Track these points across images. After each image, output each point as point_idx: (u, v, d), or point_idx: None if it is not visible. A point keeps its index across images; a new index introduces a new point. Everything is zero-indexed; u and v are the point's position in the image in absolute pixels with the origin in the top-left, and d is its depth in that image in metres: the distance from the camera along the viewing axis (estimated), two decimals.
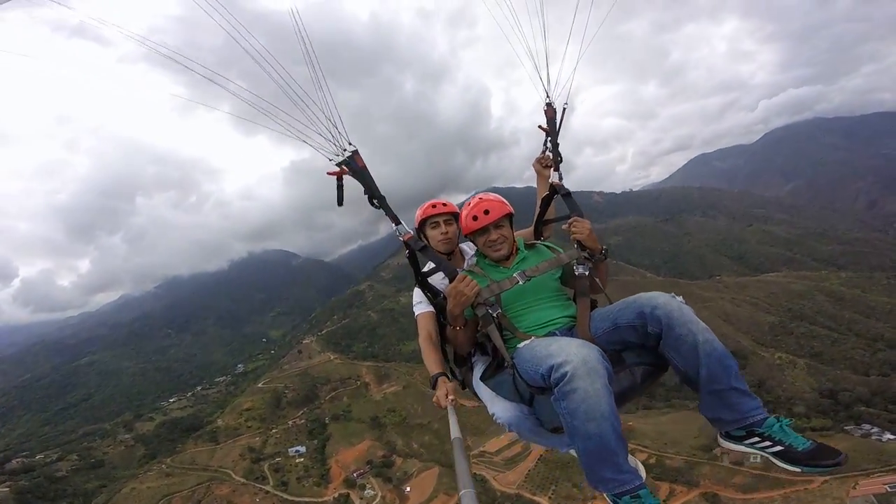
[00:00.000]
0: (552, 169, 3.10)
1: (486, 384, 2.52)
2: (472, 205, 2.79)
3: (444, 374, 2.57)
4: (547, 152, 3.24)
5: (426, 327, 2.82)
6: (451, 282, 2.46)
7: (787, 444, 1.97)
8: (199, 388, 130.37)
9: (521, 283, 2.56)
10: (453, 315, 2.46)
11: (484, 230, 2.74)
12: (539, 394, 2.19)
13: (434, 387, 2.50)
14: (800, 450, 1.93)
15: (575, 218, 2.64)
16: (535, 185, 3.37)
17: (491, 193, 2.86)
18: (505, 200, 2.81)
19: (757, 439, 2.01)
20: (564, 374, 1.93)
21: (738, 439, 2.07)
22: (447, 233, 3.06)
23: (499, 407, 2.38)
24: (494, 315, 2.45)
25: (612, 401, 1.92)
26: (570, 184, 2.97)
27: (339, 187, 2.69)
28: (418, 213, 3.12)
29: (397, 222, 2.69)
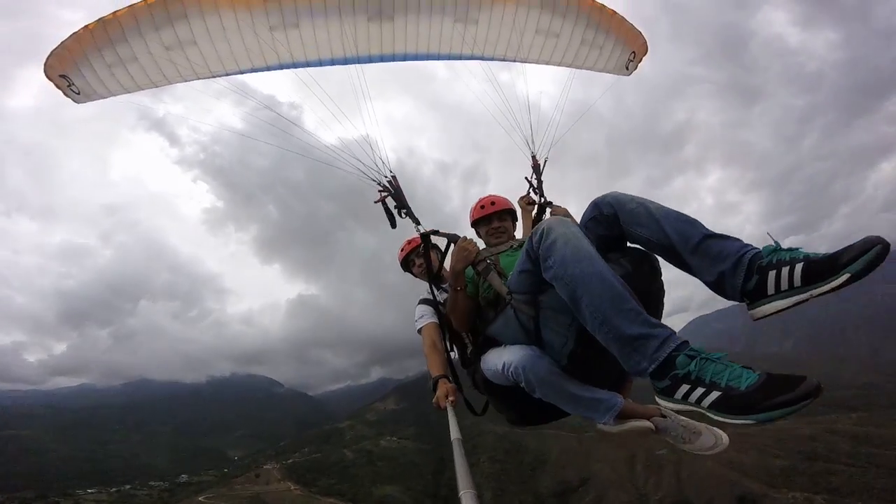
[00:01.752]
0: (536, 197, 3.64)
1: (490, 332, 2.52)
2: (481, 199, 3.27)
3: (444, 376, 2.70)
4: (530, 192, 3.73)
5: (430, 336, 2.95)
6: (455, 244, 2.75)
7: (723, 384, 1.51)
8: (128, 486, 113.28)
9: (514, 246, 2.97)
10: (456, 272, 2.63)
11: (488, 219, 3.17)
12: (541, 293, 2.17)
13: (435, 389, 2.61)
14: (743, 388, 1.46)
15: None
16: None
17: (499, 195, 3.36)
18: (510, 200, 3.35)
19: (687, 387, 1.58)
20: (543, 233, 1.98)
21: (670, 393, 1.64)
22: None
23: (508, 354, 2.29)
24: (492, 263, 2.63)
25: (594, 248, 1.88)
26: None
27: (388, 211, 3.34)
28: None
29: (418, 223, 3.20)
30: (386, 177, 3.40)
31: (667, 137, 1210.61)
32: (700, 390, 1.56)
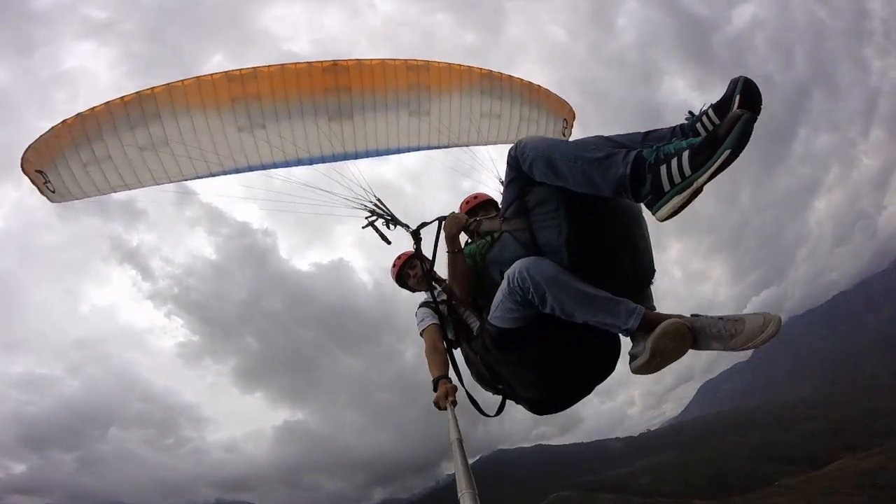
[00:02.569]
0: None
1: (489, 258, 2.66)
2: (466, 197, 3.61)
3: (444, 376, 2.73)
4: None
5: (431, 337, 2.99)
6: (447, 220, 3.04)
7: (686, 144, 1.72)
8: None
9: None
10: (451, 235, 2.91)
11: (473, 212, 3.42)
12: (526, 195, 2.30)
13: (435, 389, 2.64)
14: (703, 133, 1.76)
15: None
16: (544, 442, 5.16)
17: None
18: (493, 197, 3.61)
19: (664, 167, 1.70)
20: (516, 144, 2.29)
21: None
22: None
23: (510, 268, 2.26)
24: (481, 220, 2.92)
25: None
26: (581, 436, 4.61)
27: (378, 232, 3.68)
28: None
29: (408, 227, 3.51)
30: (371, 202, 3.70)
31: None
32: (674, 161, 1.68)
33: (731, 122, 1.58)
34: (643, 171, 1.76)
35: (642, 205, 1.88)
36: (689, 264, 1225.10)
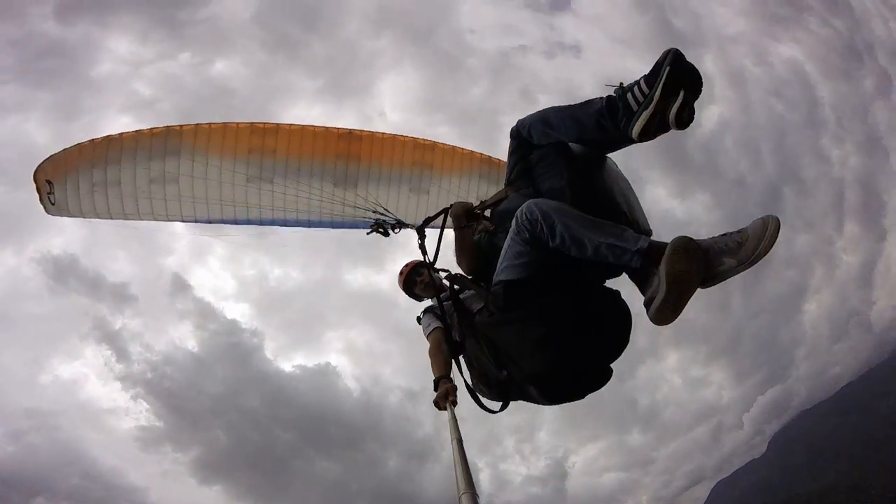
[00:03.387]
0: None
1: (498, 209, 2.85)
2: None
3: (445, 376, 2.78)
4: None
5: (435, 339, 3.07)
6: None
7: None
8: None
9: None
10: (457, 215, 3.14)
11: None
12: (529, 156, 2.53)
13: (436, 389, 2.69)
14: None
15: None
16: None
17: None
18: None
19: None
20: (518, 122, 2.53)
21: None
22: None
23: (520, 207, 2.24)
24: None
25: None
26: None
27: (380, 232, 4.27)
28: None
29: (413, 226, 3.93)
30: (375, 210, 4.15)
31: None
32: (635, 88, 1.99)
33: (664, 54, 1.94)
34: (615, 102, 2.09)
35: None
36: (688, 372, 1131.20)
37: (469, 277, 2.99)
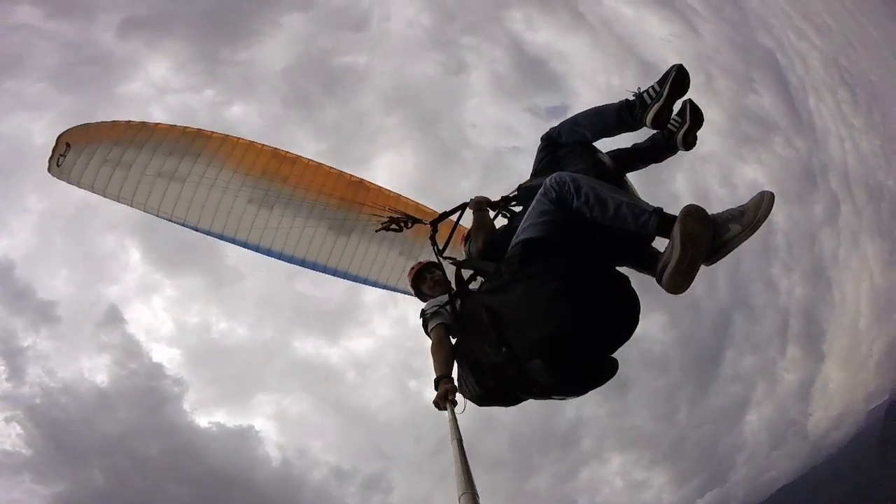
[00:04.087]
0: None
1: (525, 183, 3.20)
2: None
3: (446, 376, 2.72)
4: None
5: (438, 335, 3.05)
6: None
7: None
8: None
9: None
10: (479, 201, 3.48)
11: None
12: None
13: (437, 388, 2.63)
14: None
15: None
16: None
17: None
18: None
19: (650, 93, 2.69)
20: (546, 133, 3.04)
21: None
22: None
23: (560, 172, 2.40)
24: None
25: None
26: None
27: (389, 228, 4.16)
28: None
29: (425, 222, 4.06)
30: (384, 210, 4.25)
31: (563, 433, 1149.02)
32: (650, 88, 2.68)
33: (672, 67, 2.63)
34: (634, 101, 2.75)
35: None
36: (630, 475, 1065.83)
37: (478, 261, 3.13)
